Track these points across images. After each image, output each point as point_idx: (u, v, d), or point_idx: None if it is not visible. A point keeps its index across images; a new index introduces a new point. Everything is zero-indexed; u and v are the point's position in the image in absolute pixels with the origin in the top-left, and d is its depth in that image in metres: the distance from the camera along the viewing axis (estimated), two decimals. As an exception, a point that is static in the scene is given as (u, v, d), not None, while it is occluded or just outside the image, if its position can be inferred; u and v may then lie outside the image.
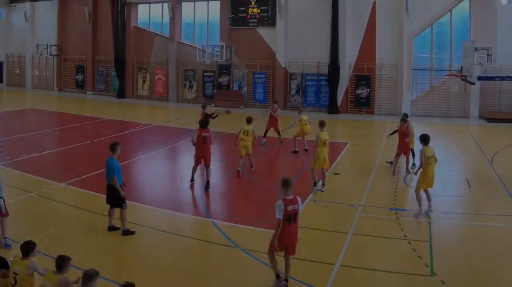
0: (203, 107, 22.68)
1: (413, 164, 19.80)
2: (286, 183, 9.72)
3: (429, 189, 14.34)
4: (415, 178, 18.65)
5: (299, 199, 9.78)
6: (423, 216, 14.07)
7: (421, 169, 14.14)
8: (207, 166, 16.83)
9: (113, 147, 12.62)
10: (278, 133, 24.39)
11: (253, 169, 19.16)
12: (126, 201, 12.59)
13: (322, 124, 16.98)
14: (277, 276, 9.87)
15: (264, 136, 24.09)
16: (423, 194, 14.33)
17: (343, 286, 10.11)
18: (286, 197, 9.63)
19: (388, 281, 10.42)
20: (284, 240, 9.57)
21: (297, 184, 17.49)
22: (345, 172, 19.97)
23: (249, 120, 19.05)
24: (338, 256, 11.33)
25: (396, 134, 19.74)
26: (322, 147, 16.21)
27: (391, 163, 19.91)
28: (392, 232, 13.02)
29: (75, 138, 25.37)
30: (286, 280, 9.84)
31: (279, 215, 9.42)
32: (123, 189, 12.50)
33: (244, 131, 18.66)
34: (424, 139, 14.42)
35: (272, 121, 24.37)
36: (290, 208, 9.50)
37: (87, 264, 9.10)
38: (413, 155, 19.82)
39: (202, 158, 16.85)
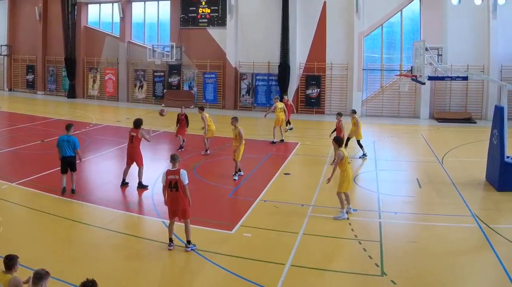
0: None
1: (364, 154, 21.77)
2: (172, 158, 11.85)
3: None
4: (364, 178, 18.85)
5: (183, 172, 11.59)
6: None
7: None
8: (137, 165, 16.99)
9: (69, 127, 15.84)
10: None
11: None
12: None
13: (236, 119, 18.67)
14: (170, 240, 11.77)
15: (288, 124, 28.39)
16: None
17: (293, 286, 10.07)
18: (170, 169, 11.69)
19: (338, 281, 10.41)
20: (172, 205, 11.67)
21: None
22: (295, 172, 20.04)
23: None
24: (288, 256, 11.35)
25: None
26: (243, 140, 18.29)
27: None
28: (343, 232, 13.10)
29: (25, 138, 25.03)
30: (188, 241, 11.68)
31: (162, 182, 11.76)
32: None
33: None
34: (338, 141, 14.53)
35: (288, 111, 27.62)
36: (170, 177, 11.54)
37: (37, 263, 9.12)
38: (361, 147, 21.77)
39: (129, 157, 17.12)
